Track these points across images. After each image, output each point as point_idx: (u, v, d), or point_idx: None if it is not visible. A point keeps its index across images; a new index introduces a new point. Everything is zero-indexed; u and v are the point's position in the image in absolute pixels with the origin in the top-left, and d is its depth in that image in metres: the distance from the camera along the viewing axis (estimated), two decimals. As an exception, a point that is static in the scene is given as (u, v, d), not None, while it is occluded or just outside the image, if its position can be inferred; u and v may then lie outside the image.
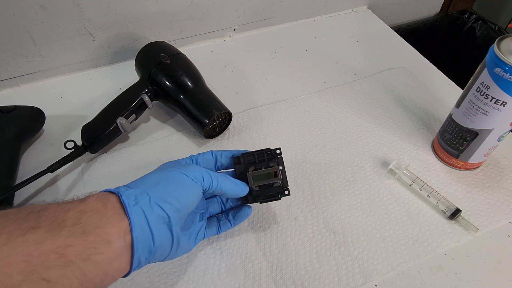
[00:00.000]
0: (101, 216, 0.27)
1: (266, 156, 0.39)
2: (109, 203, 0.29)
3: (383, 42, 0.74)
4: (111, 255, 0.27)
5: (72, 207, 0.27)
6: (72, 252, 0.25)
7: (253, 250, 0.43)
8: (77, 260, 0.25)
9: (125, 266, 0.28)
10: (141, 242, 0.28)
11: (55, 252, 0.24)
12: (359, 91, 0.63)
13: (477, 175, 0.50)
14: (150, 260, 0.31)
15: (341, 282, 0.40)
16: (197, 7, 0.66)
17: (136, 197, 0.30)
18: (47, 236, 0.24)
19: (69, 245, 0.25)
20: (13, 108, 0.52)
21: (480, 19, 0.88)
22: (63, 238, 0.25)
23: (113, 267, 0.27)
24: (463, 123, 0.46)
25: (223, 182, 0.36)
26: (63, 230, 0.25)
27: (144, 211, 0.29)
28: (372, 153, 0.53)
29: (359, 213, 0.46)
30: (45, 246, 0.24)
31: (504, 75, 0.39)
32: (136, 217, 0.28)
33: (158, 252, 0.30)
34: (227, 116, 0.55)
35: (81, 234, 0.26)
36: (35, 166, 0.51)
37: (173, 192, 0.32)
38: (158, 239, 0.30)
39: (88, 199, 0.29)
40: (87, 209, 0.27)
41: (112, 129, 0.50)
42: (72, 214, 0.27)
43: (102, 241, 0.26)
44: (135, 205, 0.29)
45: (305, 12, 0.77)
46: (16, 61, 0.60)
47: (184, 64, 0.55)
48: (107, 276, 0.27)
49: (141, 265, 0.30)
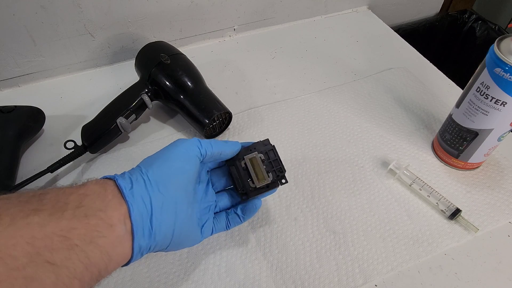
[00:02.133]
0: (102, 200, 0.27)
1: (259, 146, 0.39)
2: (108, 187, 0.29)
3: (383, 42, 0.74)
4: (115, 239, 0.27)
5: (74, 191, 0.27)
6: (75, 235, 0.24)
7: (253, 250, 0.43)
8: (81, 243, 0.25)
9: (127, 251, 0.28)
10: (140, 226, 0.28)
11: (58, 235, 0.24)
12: (359, 91, 0.63)
13: (477, 175, 0.50)
14: (152, 246, 0.30)
15: (341, 282, 0.40)
16: (197, 7, 0.67)
17: (131, 180, 0.30)
18: (50, 219, 0.24)
19: (72, 227, 0.25)
20: (13, 108, 0.52)
21: (480, 19, 0.88)
22: (66, 221, 0.24)
23: (117, 252, 0.27)
24: (463, 123, 0.46)
25: (215, 143, 0.36)
26: (65, 212, 0.25)
27: (141, 194, 0.29)
28: (372, 153, 0.53)
29: (359, 213, 0.46)
30: (48, 229, 0.24)
31: (504, 75, 0.39)
32: (133, 200, 0.28)
33: (159, 236, 0.30)
34: (227, 116, 0.55)
35: (84, 217, 0.25)
36: (35, 166, 0.51)
37: (168, 169, 0.31)
38: (157, 222, 0.29)
39: (88, 184, 0.28)
40: (88, 192, 0.27)
41: (112, 129, 0.50)
42: (74, 197, 0.26)
43: (105, 224, 0.26)
44: (131, 188, 0.29)
45: (305, 12, 0.78)
46: (16, 61, 0.60)
47: (184, 64, 0.55)
48: (111, 261, 0.27)
49: (143, 252, 0.29)
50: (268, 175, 0.38)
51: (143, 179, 0.30)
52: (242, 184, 0.38)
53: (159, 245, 0.31)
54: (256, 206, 0.39)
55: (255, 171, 0.38)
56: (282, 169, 0.39)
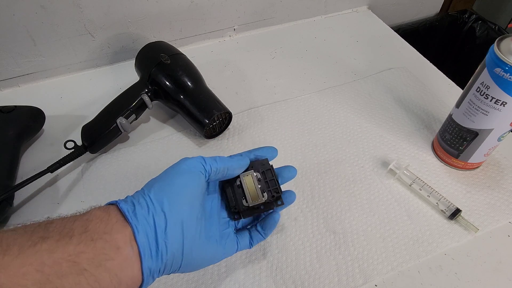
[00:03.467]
0: (106, 224, 0.27)
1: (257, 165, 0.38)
2: (111, 212, 0.29)
3: (383, 42, 0.74)
4: (122, 261, 0.26)
5: (78, 218, 0.27)
6: (84, 259, 0.25)
7: (253, 250, 0.43)
8: (90, 267, 0.25)
9: (137, 274, 0.28)
10: (147, 248, 0.28)
11: (67, 260, 0.24)
12: (359, 91, 0.63)
13: (477, 175, 0.50)
14: (162, 268, 0.29)
15: (341, 282, 0.40)
16: (197, 7, 0.66)
17: (133, 203, 0.29)
18: (57, 245, 0.24)
19: (80, 252, 0.25)
20: (13, 108, 0.52)
21: (480, 19, 0.88)
22: (73, 246, 0.25)
23: (126, 275, 0.27)
24: (463, 123, 0.46)
25: (220, 158, 0.35)
26: (72, 238, 0.25)
27: (144, 215, 0.29)
28: (372, 153, 0.53)
29: (359, 213, 0.46)
30: (57, 255, 0.24)
31: (504, 75, 0.39)
32: (137, 222, 0.28)
33: (167, 256, 0.29)
34: (227, 116, 0.55)
35: (90, 241, 0.26)
36: (35, 166, 0.51)
37: (170, 187, 0.31)
38: (162, 242, 0.29)
39: (91, 210, 0.28)
40: (92, 218, 0.27)
41: (112, 129, 0.50)
42: (79, 224, 0.26)
43: (111, 247, 0.26)
44: (134, 210, 0.29)
45: (305, 12, 0.77)
46: (16, 61, 0.60)
47: (184, 64, 0.55)
48: (121, 284, 0.26)
49: (153, 275, 0.29)
50: (263, 194, 0.36)
51: (145, 200, 0.30)
52: (235, 202, 0.36)
53: (169, 266, 0.30)
54: (275, 220, 0.38)
55: (249, 190, 0.36)
56: (278, 190, 0.37)
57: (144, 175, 0.50)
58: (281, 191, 0.37)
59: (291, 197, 0.39)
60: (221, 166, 0.34)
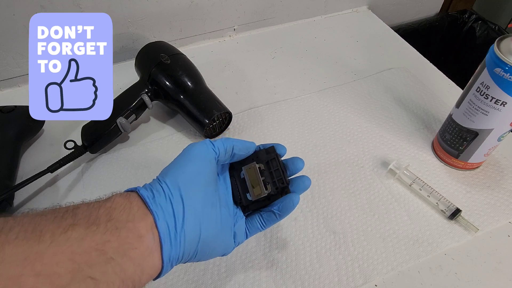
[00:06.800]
0: (129, 212, 0.27)
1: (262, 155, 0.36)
2: (132, 199, 0.29)
3: (383, 42, 0.74)
4: (145, 250, 0.27)
5: (101, 205, 0.27)
6: (110, 248, 0.25)
7: (253, 250, 0.43)
8: (116, 256, 0.25)
9: (157, 262, 0.28)
10: (167, 235, 0.28)
11: (95, 249, 0.24)
12: (359, 91, 0.63)
13: (477, 175, 0.50)
14: (180, 255, 0.29)
15: (341, 282, 0.40)
16: (197, 7, 0.66)
17: (152, 190, 0.30)
18: (86, 233, 0.24)
19: (107, 240, 0.25)
20: (13, 108, 0.52)
21: (480, 19, 0.88)
22: (100, 235, 0.25)
23: (148, 264, 0.27)
24: (463, 123, 0.46)
25: (226, 139, 0.34)
26: (99, 227, 0.25)
27: (163, 203, 0.29)
28: (372, 153, 0.53)
29: (359, 213, 0.46)
30: (86, 243, 0.24)
31: (504, 75, 0.39)
32: (157, 209, 0.28)
33: (186, 243, 0.29)
34: (227, 116, 0.55)
35: (115, 229, 0.26)
36: (35, 166, 0.51)
37: (183, 174, 0.31)
38: (181, 228, 0.29)
39: (113, 197, 0.29)
40: (115, 206, 0.27)
41: (112, 129, 0.50)
42: (103, 211, 0.27)
43: (134, 236, 0.26)
44: (153, 197, 0.29)
45: (305, 12, 0.77)
46: (16, 61, 0.60)
47: (184, 64, 0.55)
48: (143, 273, 0.27)
49: (172, 262, 0.29)
50: (266, 187, 0.34)
51: (162, 187, 0.30)
52: (241, 196, 0.35)
53: (187, 253, 0.30)
54: (294, 203, 0.35)
55: (252, 184, 0.35)
56: (283, 180, 0.35)
57: (144, 175, 0.50)
58: (287, 182, 0.35)
59: (305, 183, 0.36)
60: (228, 145, 0.34)
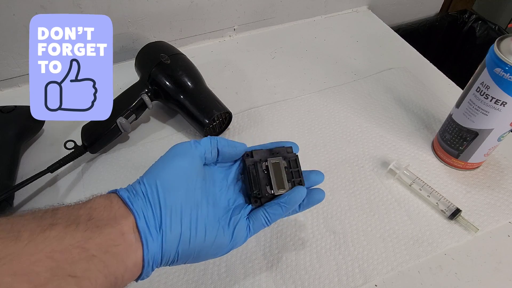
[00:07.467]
0: (110, 211, 0.28)
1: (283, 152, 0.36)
2: (113, 200, 0.29)
3: (383, 42, 0.74)
4: (127, 247, 0.27)
5: (82, 206, 0.28)
6: (92, 245, 0.25)
7: (253, 250, 0.43)
8: (98, 253, 0.25)
9: (140, 261, 0.28)
10: (148, 234, 0.28)
11: (76, 247, 0.24)
12: (359, 91, 0.63)
13: (477, 175, 0.50)
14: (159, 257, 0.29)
15: (341, 282, 0.40)
16: (197, 7, 0.66)
17: (132, 191, 0.30)
18: (66, 232, 0.24)
19: (88, 238, 0.25)
20: (13, 108, 0.52)
21: (480, 19, 0.88)
22: (81, 233, 0.25)
23: (131, 261, 0.27)
24: (463, 123, 0.46)
25: (213, 138, 0.34)
26: (79, 225, 0.25)
27: (142, 202, 0.29)
28: (372, 153, 0.53)
29: (359, 213, 0.46)
30: (66, 241, 0.24)
31: (504, 75, 0.39)
32: (137, 210, 0.28)
33: (168, 245, 0.28)
34: (227, 116, 0.55)
35: (96, 228, 0.26)
36: (35, 166, 0.51)
37: (162, 172, 0.31)
38: (161, 231, 0.28)
39: (94, 199, 0.29)
40: (96, 206, 0.28)
41: (112, 129, 0.50)
42: (84, 211, 0.27)
43: (117, 233, 0.27)
44: (133, 197, 0.29)
45: (305, 12, 0.77)
46: (16, 61, 0.60)
47: (184, 64, 0.55)
48: (126, 270, 0.27)
49: (153, 265, 0.28)
50: (288, 184, 0.35)
51: (140, 188, 0.30)
52: (259, 187, 0.34)
53: (167, 254, 0.29)
54: (320, 198, 0.36)
55: (275, 177, 0.35)
56: (302, 182, 0.36)
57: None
58: (303, 184, 0.36)
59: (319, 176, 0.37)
60: (213, 141, 0.34)
